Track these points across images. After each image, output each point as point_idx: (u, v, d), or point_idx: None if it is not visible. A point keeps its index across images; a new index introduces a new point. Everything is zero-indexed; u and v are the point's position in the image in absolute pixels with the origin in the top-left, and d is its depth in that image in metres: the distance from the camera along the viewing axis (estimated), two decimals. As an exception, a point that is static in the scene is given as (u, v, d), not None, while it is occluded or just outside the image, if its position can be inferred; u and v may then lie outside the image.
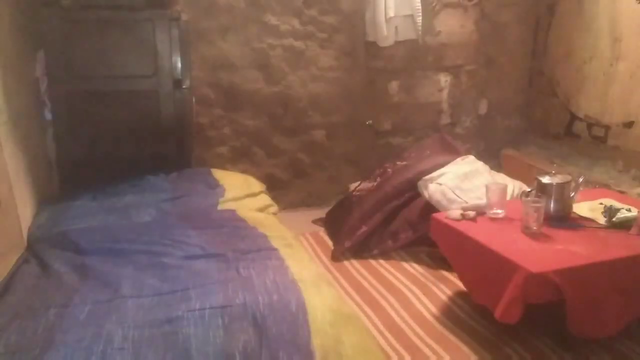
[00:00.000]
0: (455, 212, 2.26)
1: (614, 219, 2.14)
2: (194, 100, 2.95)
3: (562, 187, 2.19)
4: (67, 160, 2.76)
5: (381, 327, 2.22)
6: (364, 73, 3.53)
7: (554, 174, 2.27)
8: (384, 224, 2.87)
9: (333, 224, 3.16)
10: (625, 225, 2.11)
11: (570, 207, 2.24)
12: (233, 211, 2.46)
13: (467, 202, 2.45)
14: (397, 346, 2.09)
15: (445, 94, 3.71)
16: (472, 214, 2.25)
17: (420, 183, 2.73)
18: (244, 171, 3.30)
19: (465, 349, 2.05)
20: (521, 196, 2.41)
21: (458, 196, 2.52)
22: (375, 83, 3.57)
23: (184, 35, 2.75)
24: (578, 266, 1.84)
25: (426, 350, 2.05)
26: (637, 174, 3.00)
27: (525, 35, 3.78)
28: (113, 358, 1.41)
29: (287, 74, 3.39)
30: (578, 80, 3.40)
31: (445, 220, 2.25)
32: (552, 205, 2.18)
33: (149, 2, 2.71)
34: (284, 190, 3.54)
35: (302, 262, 1.94)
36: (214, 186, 2.71)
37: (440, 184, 2.61)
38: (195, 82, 3.06)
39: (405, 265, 2.78)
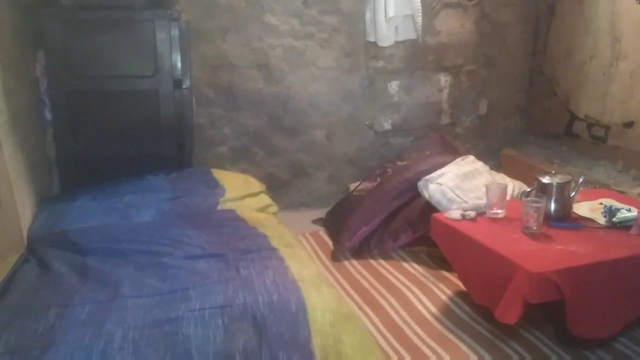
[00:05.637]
0: (455, 212, 2.26)
1: (614, 219, 2.14)
2: (194, 100, 2.95)
3: (562, 187, 2.19)
4: (67, 160, 2.76)
5: (381, 327, 2.22)
6: (364, 73, 3.53)
7: (554, 174, 2.27)
8: (384, 224, 2.87)
9: (333, 224, 3.16)
10: (625, 225, 2.12)
11: (570, 207, 2.24)
12: (233, 211, 2.46)
13: (467, 202, 2.45)
14: (397, 346, 2.09)
15: (445, 94, 3.71)
16: (472, 214, 2.25)
17: (420, 183, 2.73)
18: (244, 171, 3.31)
19: (465, 349, 2.06)
20: (521, 196, 2.41)
21: (458, 196, 2.52)
22: (375, 83, 3.57)
23: (184, 35, 2.75)
24: (578, 266, 1.84)
25: (426, 350, 2.05)
26: (637, 174, 3.00)
27: (525, 35, 3.78)
28: (113, 358, 1.41)
29: (287, 74, 3.40)
30: (578, 80, 3.40)
31: (445, 220, 2.25)
32: (552, 205, 2.18)
33: (149, 2, 2.70)
34: (284, 190, 3.54)
35: (302, 262, 1.94)
36: (214, 186, 2.71)
37: (440, 184, 2.61)
38: (195, 82, 3.06)
39: (405, 265, 2.78)
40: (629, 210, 2.17)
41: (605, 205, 2.23)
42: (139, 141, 2.78)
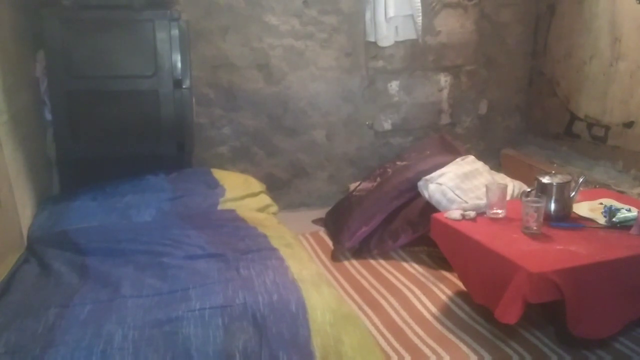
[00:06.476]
0: (455, 212, 2.26)
1: (614, 219, 2.14)
2: (194, 100, 2.95)
3: (562, 187, 2.19)
4: (67, 160, 2.76)
5: (381, 327, 2.22)
6: (364, 73, 3.53)
7: (554, 174, 2.27)
8: (384, 224, 2.87)
9: (333, 224, 3.16)
10: (625, 225, 2.12)
11: (570, 207, 2.24)
12: (233, 211, 2.46)
13: (467, 202, 2.45)
14: (397, 346, 2.09)
15: (445, 94, 3.71)
16: (472, 214, 2.25)
17: (420, 183, 2.73)
18: (244, 171, 3.31)
19: (465, 349, 2.06)
20: (521, 196, 2.41)
21: (458, 196, 2.52)
22: (375, 83, 3.57)
23: (184, 35, 2.75)
24: (578, 266, 1.84)
25: (426, 350, 2.05)
26: (637, 174, 3.00)
27: (525, 35, 3.78)
28: (113, 358, 1.41)
29: (287, 74, 3.39)
30: (578, 80, 3.40)
31: (445, 220, 2.25)
32: (552, 205, 2.18)
33: (149, 2, 2.71)
34: (284, 190, 3.54)
35: (302, 262, 1.94)
36: (214, 186, 2.71)
37: (440, 184, 2.61)
38: (195, 82, 3.06)
39: (405, 265, 2.78)
40: (629, 210, 2.17)
41: (605, 205, 2.23)
42: (139, 141, 2.78)
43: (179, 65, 2.75)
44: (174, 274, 1.82)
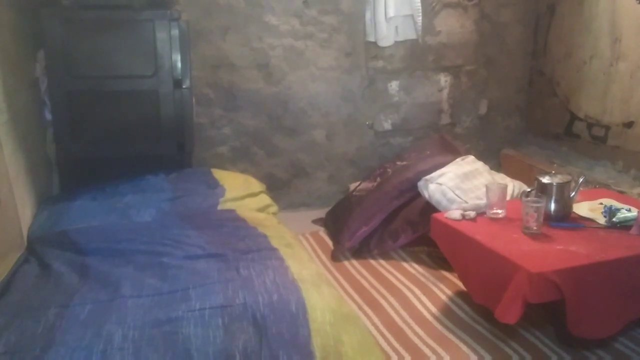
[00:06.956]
0: (455, 212, 2.26)
1: (614, 219, 2.14)
2: (194, 100, 2.95)
3: (562, 187, 2.19)
4: (67, 160, 2.76)
5: (381, 327, 2.22)
6: (364, 73, 3.53)
7: (554, 174, 2.27)
8: (384, 224, 2.87)
9: (333, 224, 3.16)
10: (625, 225, 2.12)
11: (570, 207, 2.24)
12: (233, 211, 2.46)
13: (467, 202, 2.45)
14: (397, 346, 2.09)
15: (445, 94, 3.71)
16: (472, 214, 2.25)
17: (420, 183, 2.73)
18: (244, 171, 3.31)
19: (465, 349, 2.06)
20: (521, 196, 2.41)
21: (458, 196, 2.52)
22: (375, 83, 3.57)
23: (184, 35, 2.75)
24: (578, 266, 1.84)
25: (426, 350, 2.05)
26: (637, 174, 3.00)
27: (525, 35, 3.78)
28: (113, 358, 1.41)
29: (287, 74, 3.40)
30: (578, 80, 3.40)
31: (445, 220, 2.25)
32: (552, 205, 2.18)
33: (149, 2, 2.71)
34: (284, 190, 3.54)
35: (302, 262, 1.94)
36: (214, 186, 2.72)
37: (440, 184, 2.61)
38: (195, 82, 3.06)
39: (405, 265, 2.78)
40: (629, 210, 2.17)
41: (605, 205, 2.24)
42: (139, 141, 2.78)
43: (179, 65, 2.74)
44: (174, 274, 1.82)
